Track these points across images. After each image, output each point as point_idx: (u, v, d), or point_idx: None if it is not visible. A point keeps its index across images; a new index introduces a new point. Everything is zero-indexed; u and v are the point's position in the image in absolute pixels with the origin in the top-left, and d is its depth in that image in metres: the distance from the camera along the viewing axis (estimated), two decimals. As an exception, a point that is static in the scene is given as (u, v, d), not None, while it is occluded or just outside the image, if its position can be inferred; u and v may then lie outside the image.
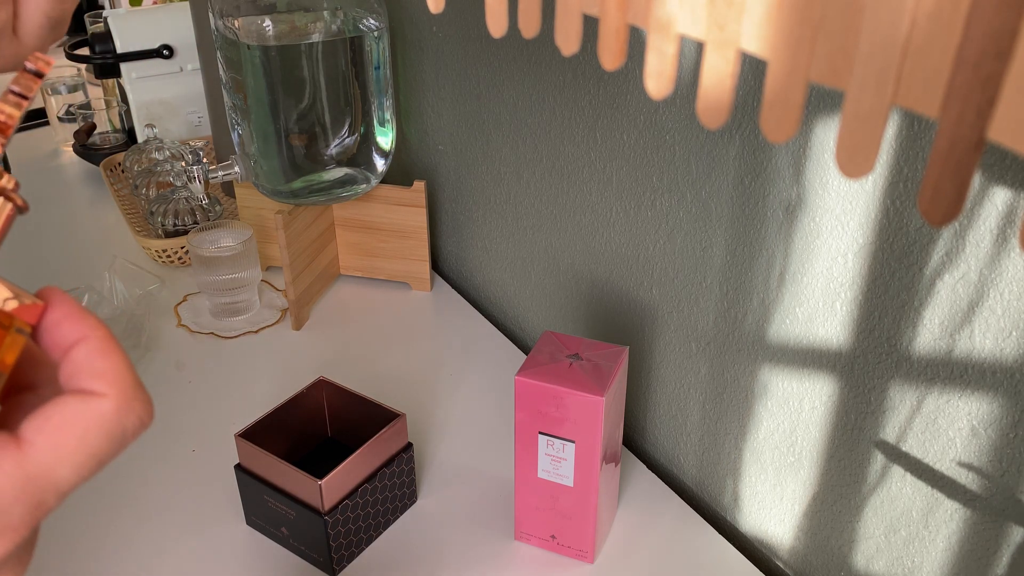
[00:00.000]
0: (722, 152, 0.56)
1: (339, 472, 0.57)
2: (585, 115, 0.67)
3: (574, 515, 0.59)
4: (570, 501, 0.58)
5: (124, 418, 0.26)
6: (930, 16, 0.23)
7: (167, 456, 0.70)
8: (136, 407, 0.27)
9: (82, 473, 0.26)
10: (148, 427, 0.27)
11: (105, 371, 0.27)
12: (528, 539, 0.62)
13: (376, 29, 0.81)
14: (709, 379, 0.63)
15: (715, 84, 0.30)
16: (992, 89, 0.22)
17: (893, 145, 0.44)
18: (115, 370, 0.27)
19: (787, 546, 0.61)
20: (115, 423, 0.26)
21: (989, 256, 0.41)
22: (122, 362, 0.27)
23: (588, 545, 0.60)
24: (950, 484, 0.47)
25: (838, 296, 0.50)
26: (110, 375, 0.27)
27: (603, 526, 0.61)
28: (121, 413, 0.26)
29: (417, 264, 0.92)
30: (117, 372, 0.27)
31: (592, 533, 0.59)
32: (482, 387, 0.78)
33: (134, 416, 0.27)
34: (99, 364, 0.27)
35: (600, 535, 0.61)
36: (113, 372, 0.27)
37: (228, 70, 0.80)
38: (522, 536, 0.62)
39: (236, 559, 0.61)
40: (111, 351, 0.27)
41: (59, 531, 0.63)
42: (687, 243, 0.61)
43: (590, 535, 0.60)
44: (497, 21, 0.41)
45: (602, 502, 0.59)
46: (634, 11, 0.33)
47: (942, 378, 0.46)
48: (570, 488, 0.58)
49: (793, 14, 0.27)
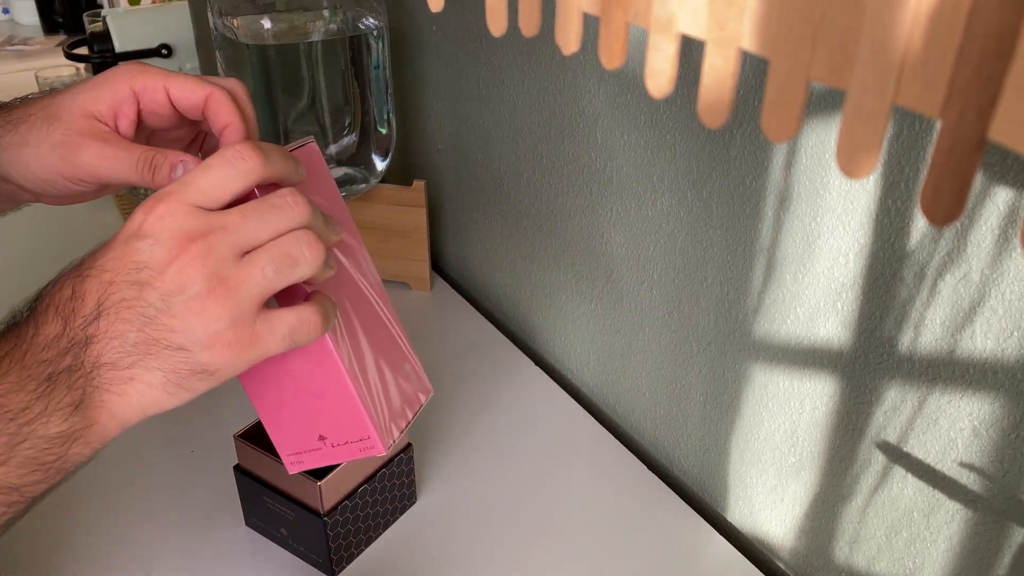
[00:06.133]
0: (723, 152, 0.55)
1: (339, 473, 0.57)
2: (585, 115, 0.67)
3: (326, 390, 0.46)
4: (310, 369, 0.46)
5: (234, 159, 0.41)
6: (931, 16, 0.23)
7: (166, 457, 0.70)
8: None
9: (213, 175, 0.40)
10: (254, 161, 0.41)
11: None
12: (300, 461, 0.50)
13: (376, 28, 0.81)
14: (709, 379, 0.63)
15: (716, 83, 0.30)
16: (993, 89, 0.22)
17: (894, 145, 0.44)
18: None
19: (788, 546, 0.61)
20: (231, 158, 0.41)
21: (990, 256, 0.41)
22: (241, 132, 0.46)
23: (363, 428, 0.47)
24: (951, 485, 0.47)
25: (839, 296, 0.50)
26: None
27: (384, 399, 0.49)
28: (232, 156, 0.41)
29: (417, 264, 0.92)
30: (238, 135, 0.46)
31: (359, 406, 0.46)
32: (482, 387, 0.78)
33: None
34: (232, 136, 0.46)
35: (383, 410, 0.48)
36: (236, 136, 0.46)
37: (227, 69, 0.80)
38: (293, 463, 0.50)
39: (235, 560, 0.61)
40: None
41: (58, 531, 0.63)
42: (688, 243, 0.61)
43: (357, 410, 0.47)
44: (497, 20, 0.41)
45: (361, 358, 0.47)
46: (634, 10, 0.33)
47: (943, 378, 0.46)
48: (307, 354, 0.45)
49: (794, 13, 0.27)
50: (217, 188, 0.40)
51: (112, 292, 0.39)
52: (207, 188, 0.40)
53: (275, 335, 0.41)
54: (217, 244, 0.39)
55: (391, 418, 0.50)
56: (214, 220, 0.40)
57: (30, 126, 0.46)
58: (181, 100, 0.47)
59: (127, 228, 0.40)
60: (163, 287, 0.39)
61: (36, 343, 0.39)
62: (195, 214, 0.39)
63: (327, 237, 0.44)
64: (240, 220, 0.40)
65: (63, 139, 0.45)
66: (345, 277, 0.49)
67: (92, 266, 0.40)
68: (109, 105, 0.47)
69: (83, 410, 0.40)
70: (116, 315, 0.39)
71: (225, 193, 0.40)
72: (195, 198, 0.40)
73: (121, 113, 0.47)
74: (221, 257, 0.39)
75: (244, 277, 0.40)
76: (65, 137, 0.45)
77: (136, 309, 0.39)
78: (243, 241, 0.40)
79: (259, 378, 0.48)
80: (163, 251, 0.39)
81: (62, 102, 0.47)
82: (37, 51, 2.06)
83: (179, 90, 0.47)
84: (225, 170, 0.40)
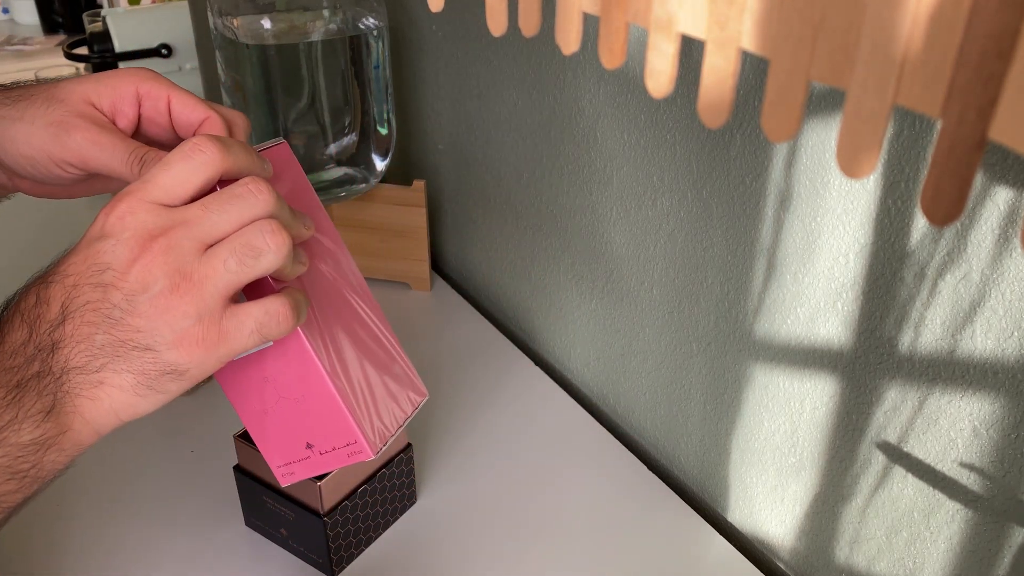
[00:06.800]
0: (723, 152, 0.55)
1: (338, 473, 0.57)
2: (585, 115, 0.67)
3: (307, 393, 0.45)
4: (289, 372, 0.45)
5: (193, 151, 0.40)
6: (931, 16, 0.23)
7: (166, 457, 0.70)
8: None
9: (172, 170, 0.40)
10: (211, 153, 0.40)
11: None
12: (291, 472, 0.49)
13: (375, 28, 0.81)
14: (710, 379, 0.63)
15: (716, 83, 0.30)
16: (994, 89, 0.22)
17: (894, 145, 0.44)
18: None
19: (788, 547, 0.61)
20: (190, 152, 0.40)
21: (991, 256, 0.41)
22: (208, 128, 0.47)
23: (348, 432, 0.46)
24: (952, 485, 0.47)
25: (839, 296, 0.50)
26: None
27: (371, 402, 0.48)
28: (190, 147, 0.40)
29: (417, 264, 0.92)
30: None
31: (341, 407, 0.45)
32: (482, 387, 0.78)
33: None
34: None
35: (370, 413, 0.47)
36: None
37: (227, 69, 0.80)
38: (284, 475, 0.49)
39: (235, 560, 0.61)
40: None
41: (57, 531, 0.63)
42: (688, 243, 0.61)
43: (341, 412, 0.45)
44: (497, 20, 0.41)
45: (344, 361, 0.46)
46: (634, 10, 0.33)
47: (943, 378, 0.46)
48: (284, 356, 0.44)
49: (794, 13, 0.27)
50: (178, 183, 0.39)
51: (76, 295, 0.38)
52: (167, 184, 0.39)
53: (242, 330, 0.40)
54: (179, 239, 0.38)
55: (379, 421, 0.48)
56: (175, 215, 0.39)
57: (29, 103, 0.46)
58: (179, 115, 0.47)
59: (90, 231, 0.39)
60: (127, 287, 0.38)
61: (2, 351, 0.38)
62: (156, 211, 0.39)
63: (296, 230, 0.42)
64: (202, 213, 0.39)
65: (61, 119, 0.45)
66: (323, 280, 0.48)
67: (56, 271, 0.39)
68: (111, 101, 0.47)
69: (55, 416, 0.39)
70: (81, 318, 0.38)
71: (186, 188, 0.39)
72: (156, 195, 0.39)
73: (121, 112, 0.47)
74: (183, 252, 0.38)
75: (207, 271, 0.39)
76: (63, 117, 0.45)
77: (101, 311, 0.38)
78: (205, 235, 0.39)
79: (240, 387, 0.47)
80: (125, 250, 0.38)
81: (66, 86, 0.47)
82: (37, 51, 2.06)
83: (180, 104, 0.47)
84: (184, 164, 0.39)
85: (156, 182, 0.39)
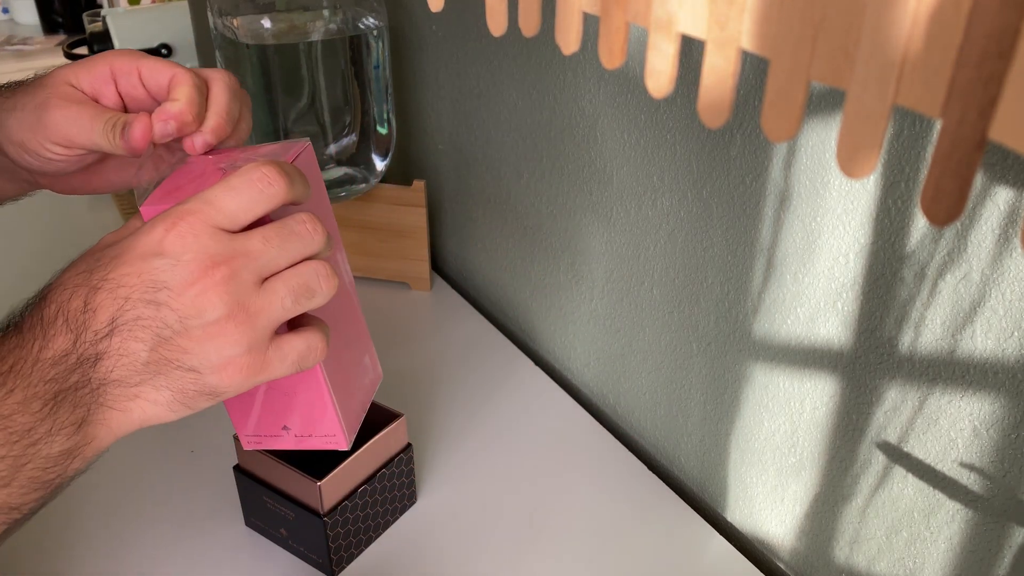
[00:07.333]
0: (723, 152, 0.55)
1: (338, 473, 0.57)
2: (585, 115, 0.67)
3: (300, 389, 0.48)
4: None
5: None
6: (931, 16, 0.23)
7: (165, 457, 0.70)
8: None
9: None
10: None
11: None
12: (259, 443, 0.50)
13: (375, 28, 0.81)
14: (710, 379, 0.63)
15: (716, 83, 0.30)
16: (994, 89, 0.22)
17: (894, 145, 0.44)
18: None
19: (788, 547, 0.61)
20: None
21: (991, 256, 0.41)
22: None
23: (331, 426, 0.49)
24: (952, 485, 0.47)
25: (839, 296, 0.50)
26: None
27: (349, 395, 0.49)
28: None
29: (417, 264, 0.92)
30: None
31: (329, 405, 0.48)
32: (482, 387, 0.78)
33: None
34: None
35: (349, 407, 0.50)
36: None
37: (227, 69, 0.80)
38: (250, 442, 0.51)
39: (235, 560, 0.61)
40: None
41: (57, 531, 0.63)
42: (688, 243, 0.61)
43: (328, 410, 0.48)
44: (497, 20, 0.41)
45: (337, 358, 0.48)
46: (634, 10, 0.33)
47: (944, 378, 0.46)
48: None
49: (794, 13, 0.27)
50: (242, 211, 0.40)
51: (128, 309, 0.38)
52: (232, 211, 0.39)
53: (285, 361, 0.41)
54: (240, 270, 0.39)
55: (355, 413, 0.51)
56: (237, 245, 0.39)
57: (22, 93, 0.49)
58: (149, 81, 0.48)
59: (145, 242, 0.39)
60: (181, 309, 0.38)
61: (43, 359, 0.38)
62: (218, 237, 0.39)
63: (330, 255, 0.44)
64: (262, 247, 0.40)
65: (42, 101, 0.47)
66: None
67: (106, 278, 0.39)
68: (89, 82, 0.48)
69: (85, 427, 0.39)
70: (130, 333, 0.38)
71: (248, 216, 0.40)
72: (218, 220, 0.39)
73: (100, 92, 0.49)
74: (243, 284, 0.39)
75: (263, 305, 0.40)
76: (44, 99, 0.47)
77: (152, 329, 0.38)
78: (264, 269, 0.40)
79: None
80: (185, 273, 0.38)
81: (50, 72, 0.49)
82: (37, 51, 2.06)
83: (148, 71, 0.48)
84: (251, 193, 0.40)
85: (220, 206, 0.39)
